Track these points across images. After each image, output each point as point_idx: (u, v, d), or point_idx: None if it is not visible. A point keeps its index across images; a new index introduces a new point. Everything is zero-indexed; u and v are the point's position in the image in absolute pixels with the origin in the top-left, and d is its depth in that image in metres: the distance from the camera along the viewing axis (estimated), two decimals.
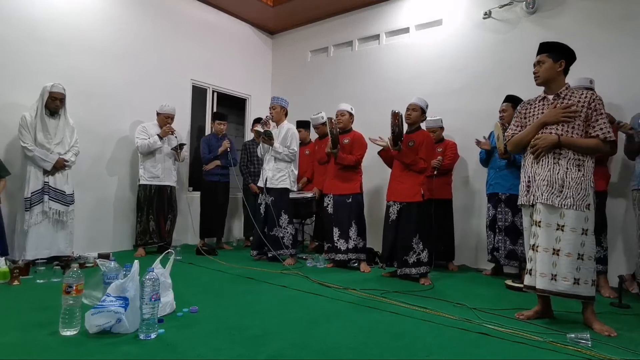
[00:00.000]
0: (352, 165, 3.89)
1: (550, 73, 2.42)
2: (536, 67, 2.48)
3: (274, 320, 2.29)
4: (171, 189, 4.47)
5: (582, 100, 2.33)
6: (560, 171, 2.30)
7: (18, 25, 3.87)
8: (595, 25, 3.81)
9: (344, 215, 3.88)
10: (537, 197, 2.34)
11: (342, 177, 3.94)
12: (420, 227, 3.41)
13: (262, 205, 4.24)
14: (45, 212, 3.56)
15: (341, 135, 3.99)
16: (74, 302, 1.98)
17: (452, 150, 4.18)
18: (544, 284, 2.28)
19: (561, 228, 2.27)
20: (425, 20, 4.95)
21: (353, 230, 3.87)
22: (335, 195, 3.95)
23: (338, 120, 4.00)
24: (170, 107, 4.42)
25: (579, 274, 2.23)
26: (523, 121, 2.56)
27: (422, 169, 3.43)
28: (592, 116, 2.31)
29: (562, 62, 2.41)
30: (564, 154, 2.32)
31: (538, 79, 2.48)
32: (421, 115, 3.56)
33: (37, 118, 3.57)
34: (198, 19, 5.51)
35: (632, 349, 1.99)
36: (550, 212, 2.30)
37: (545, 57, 2.44)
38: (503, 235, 3.64)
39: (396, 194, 3.52)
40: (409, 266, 3.39)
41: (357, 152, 3.92)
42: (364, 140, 3.96)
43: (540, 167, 2.37)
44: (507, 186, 3.65)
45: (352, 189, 3.93)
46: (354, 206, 3.91)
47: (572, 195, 2.25)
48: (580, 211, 2.24)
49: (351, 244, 3.86)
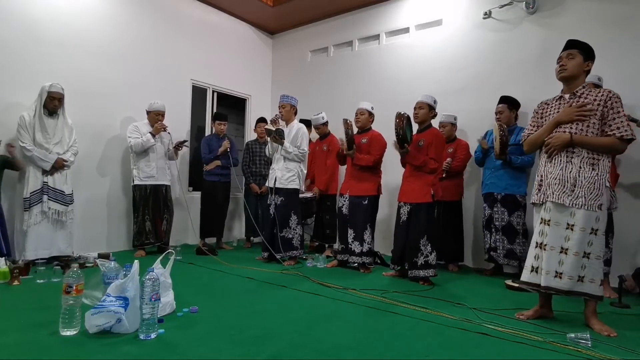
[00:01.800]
0: (371, 165, 3.81)
1: (578, 70, 2.36)
2: (564, 59, 2.38)
3: (274, 321, 2.29)
4: (166, 188, 4.44)
5: (598, 98, 2.29)
6: (573, 170, 2.28)
7: (18, 26, 3.87)
8: (595, 25, 3.81)
9: (359, 217, 3.79)
10: (548, 196, 2.33)
11: (359, 177, 3.85)
12: (428, 229, 3.35)
13: (271, 205, 4.16)
14: (45, 212, 3.55)
15: (360, 134, 3.93)
16: (74, 302, 1.98)
17: (462, 151, 4.10)
18: (548, 281, 2.27)
19: (571, 227, 2.25)
20: (425, 20, 4.95)
21: (368, 234, 3.80)
22: (352, 196, 3.86)
23: (357, 119, 3.92)
24: (159, 104, 4.37)
25: (584, 271, 2.22)
26: (539, 121, 2.54)
27: (432, 170, 3.37)
28: (609, 114, 2.26)
29: (589, 63, 2.37)
30: (578, 152, 2.29)
31: (564, 72, 2.38)
32: (429, 112, 3.49)
33: (36, 118, 3.56)
34: (198, 19, 5.51)
35: (632, 349, 1.99)
36: (561, 211, 2.29)
37: (577, 53, 2.35)
38: (500, 234, 3.65)
39: (407, 195, 3.49)
40: (418, 268, 3.35)
41: (376, 152, 3.81)
42: (383, 140, 3.86)
43: (553, 165, 2.36)
44: (503, 186, 3.67)
45: (369, 190, 3.83)
46: (369, 208, 3.83)
47: (584, 195, 2.23)
48: (592, 211, 2.21)
49: (365, 247, 3.79)
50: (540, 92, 3.94)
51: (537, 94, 3.92)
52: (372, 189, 3.86)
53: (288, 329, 2.15)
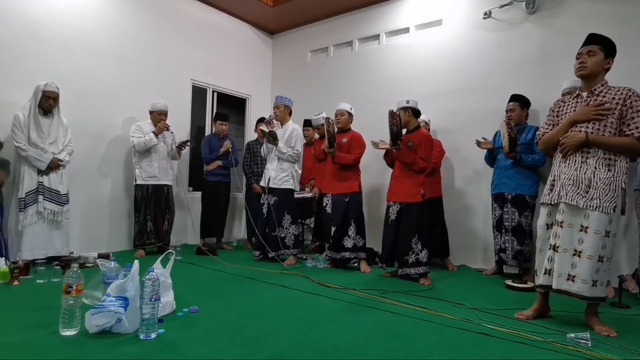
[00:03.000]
0: (350, 164, 3.89)
1: (599, 67, 2.27)
2: (584, 56, 2.29)
3: (274, 320, 2.29)
4: (168, 188, 4.45)
5: (617, 97, 2.21)
6: (587, 171, 2.21)
7: (18, 25, 3.86)
8: (595, 25, 3.79)
9: (341, 214, 3.87)
10: (562, 197, 2.26)
11: (340, 176, 3.94)
12: (419, 228, 3.42)
13: (264, 205, 4.23)
14: (40, 213, 3.53)
15: (340, 134, 3.99)
16: (74, 302, 1.98)
17: (437, 149, 4.16)
18: (560, 284, 2.22)
19: (584, 229, 2.17)
20: (425, 20, 4.95)
21: (352, 229, 3.87)
22: (334, 195, 3.94)
23: (337, 120, 4.01)
24: (162, 103, 4.39)
25: (597, 275, 2.16)
26: (555, 119, 2.46)
27: (421, 169, 3.44)
28: (628, 113, 2.18)
29: (610, 60, 2.29)
30: (593, 152, 2.22)
31: (584, 69, 2.28)
32: (405, 113, 3.55)
33: (31, 117, 3.54)
34: (198, 19, 5.51)
35: (632, 349, 1.98)
36: (574, 213, 2.21)
37: (598, 50, 2.26)
38: (510, 235, 3.58)
39: (396, 194, 3.54)
40: (409, 266, 3.40)
41: (356, 151, 3.91)
42: (362, 140, 3.97)
43: (567, 166, 2.29)
44: (513, 186, 3.62)
45: (350, 188, 3.92)
46: (352, 205, 3.90)
47: (599, 196, 2.15)
48: (606, 213, 2.14)
49: (350, 242, 3.86)
50: (541, 92, 3.95)
51: (537, 94, 3.94)
52: (354, 187, 3.93)
53: (288, 329, 2.15)
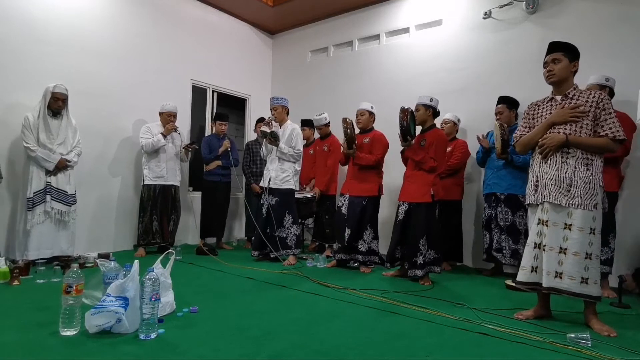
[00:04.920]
0: (372, 165, 3.80)
1: (566, 72, 2.40)
2: (550, 65, 2.42)
3: (274, 320, 2.29)
4: (175, 189, 4.48)
5: (590, 100, 2.33)
6: (568, 170, 2.30)
7: (18, 26, 3.87)
8: (595, 25, 3.81)
9: (357, 217, 3.78)
10: (545, 197, 2.34)
11: (360, 177, 3.84)
12: (428, 229, 3.36)
13: (264, 205, 4.21)
14: (48, 212, 3.56)
15: (361, 134, 3.93)
16: (74, 302, 1.98)
17: (460, 150, 4.12)
18: (550, 281, 2.28)
19: (569, 227, 2.27)
20: (425, 20, 4.95)
21: (368, 234, 3.79)
22: (352, 196, 3.84)
23: (358, 120, 3.92)
24: (171, 105, 4.44)
25: (588, 273, 2.23)
26: (531, 122, 2.56)
27: (431, 168, 3.38)
28: (601, 115, 2.31)
29: (576, 63, 2.41)
30: (572, 153, 2.31)
31: (553, 77, 2.42)
32: (426, 111, 3.49)
33: (40, 118, 3.58)
34: (198, 19, 5.51)
35: (632, 349, 1.99)
36: (558, 212, 2.31)
37: (562, 56, 2.39)
38: (505, 235, 3.63)
39: (406, 194, 3.49)
40: (417, 267, 3.35)
41: (377, 151, 3.80)
42: (385, 140, 3.86)
43: (548, 166, 2.38)
44: (505, 186, 3.67)
45: (370, 191, 3.81)
46: (369, 209, 3.81)
47: (580, 195, 2.25)
48: (588, 210, 2.24)
49: (365, 246, 3.79)
50: (541, 92, 3.91)
51: (537, 94, 3.89)
52: (373, 190, 3.84)
53: (288, 329, 2.15)
